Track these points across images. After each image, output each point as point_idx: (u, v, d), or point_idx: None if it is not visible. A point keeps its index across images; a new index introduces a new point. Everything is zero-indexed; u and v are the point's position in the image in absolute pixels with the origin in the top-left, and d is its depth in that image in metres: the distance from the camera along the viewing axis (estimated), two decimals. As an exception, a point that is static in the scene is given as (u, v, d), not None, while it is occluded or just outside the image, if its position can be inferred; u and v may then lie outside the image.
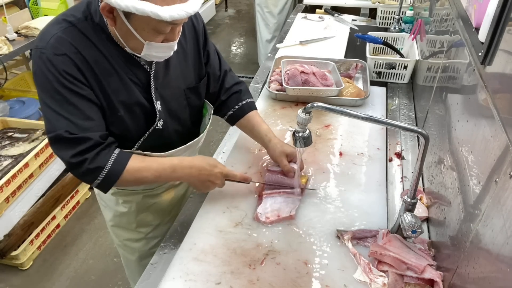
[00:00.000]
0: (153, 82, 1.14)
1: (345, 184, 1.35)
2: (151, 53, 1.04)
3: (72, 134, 0.99)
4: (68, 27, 1.01)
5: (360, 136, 1.58)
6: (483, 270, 0.76)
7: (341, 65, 2.02)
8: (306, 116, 1.06)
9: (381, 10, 2.64)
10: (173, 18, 0.91)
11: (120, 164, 1.05)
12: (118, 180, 1.06)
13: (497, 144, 0.74)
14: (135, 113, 1.14)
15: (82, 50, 1.01)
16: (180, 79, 1.21)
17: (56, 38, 0.99)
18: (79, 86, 1.01)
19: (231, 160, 1.47)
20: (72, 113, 1.00)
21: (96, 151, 1.02)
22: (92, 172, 1.03)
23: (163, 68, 1.16)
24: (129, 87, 1.10)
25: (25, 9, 3.04)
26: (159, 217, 1.47)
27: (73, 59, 0.99)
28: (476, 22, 0.98)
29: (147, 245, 1.50)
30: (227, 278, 1.04)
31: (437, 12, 1.68)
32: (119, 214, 1.43)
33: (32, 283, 2.29)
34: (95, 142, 1.02)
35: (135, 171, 1.08)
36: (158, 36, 0.99)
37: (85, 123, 1.01)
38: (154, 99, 1.15)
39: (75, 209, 2.75)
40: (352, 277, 1.04)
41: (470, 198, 0.87)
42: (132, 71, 1.10)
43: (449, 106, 1.18)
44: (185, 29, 1.20)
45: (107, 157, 1.04)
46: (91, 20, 1.02)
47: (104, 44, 1.04)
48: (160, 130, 1.20)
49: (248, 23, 5.73)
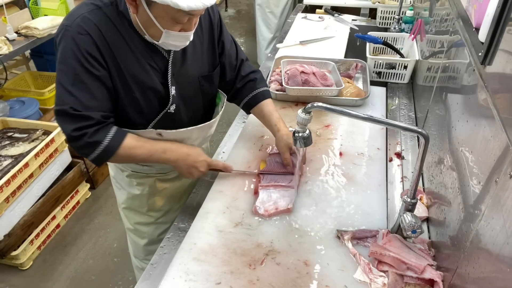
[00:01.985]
0: (170, 68, 1.21)
1: (345, 184, 1.35)
2: (168, 41, 1.10)
3: (76, 111, 1.07)
4: (94, 9, 1.09)
5: (360, 136, 1.58)
6: (483, 270, 0.76)
7: (341, 65, 2.02)
8: (306, 116, 1.07)
9: (381, 10, 2.64)
10: (190, 8, 0.98)
11: (117, 140, 1.13)
12: (113, 155, 1.13)
13: (497, 144, 0.74)
14: (150, 96, 1.20)
15: (105, 32, 1.08)
16: (195, 67, 1.27)
17: (82, 18, 1.07)
18: (95, 66, 1.08)
19: (231, 160, 1.47)
20: (80, 91, 1.07)
21: (96, 128, 1.10)
22: (91, 146, 1.11)
23: (180, 56, 1.22)
24: (146, 71, 1.17)
25: (25, 9, 3.03)
26: (169, 203, 1.53)
27: (94, 39, 1.07)
28: (476, 22, 0.98)
29: (156, 230, 1.56)
30: (227, 278, 1.04)
31: (437, 12, 1.68)
32: (132, 196, 1.49)
33: (32, 283, 2.29)
34: (97, 120, 1.09)
35: (129, 148, 1.16)
36: (176, 25, 1.06)
37: (90, 102, 1.08)
38: (169, 84, 1.22)
39: (75, 209, 2.75)
40: (352, 277, 1.04)
41: (470, 198, 0.87)
42: (152, 57, 1.17)
43: (449, 106, 1.18)
44: (202, 20, 1.25)
45: (105, 133, 1.12)
46: (116, 6, 1.10)
47: (126, 29, 1.12)
48: (172, 114, 1.26)
49: (248, 23, 5.73)
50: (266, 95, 1.45)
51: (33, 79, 3.34)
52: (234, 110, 1.37)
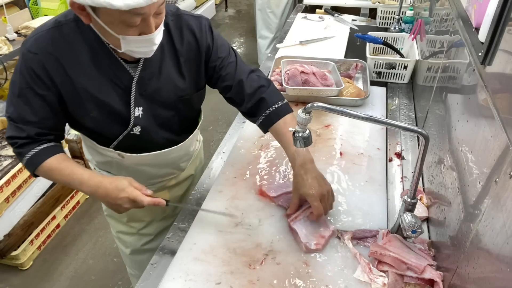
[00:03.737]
0: (135, 87, 1.13)
1: (345, 184, 1.35)
2: (131, 48, 1.01)
3: (13, 121, 1.10)
4: (52, 27, 1.06)
5: (360, 136, 1.58)
6: (483, 270, 0.76)
7: (341, 65, 2.02)
8: (306, 116, 1.06)
9: (381, 10, 2.64)
10: (130, 6, 0.87)
11: (38, 158, 1.12)
12: (34, 171, 1.13)
13: (497, 144, 0.74)
14: (109, 116, 1.14)
15: (58, 52, 1.05)
16: (171, 88, 1.19)
17: (37, 37, 1.05)
18: (38, 85, 1.06)
19: (231, 160, 1.47)
20: (20, 105, 1.08)
21: (24, 141, 1.11)
22: (18, 155, 1.14)
23: (154, 75, 1.15)
24: (106, 90, 1.11)
25: (25, 9, 3.04)
26: (151, 214, 1.46)
27: (42, 59, 1.04)
28: (476, 22, 0.98)
29: (139, 241, 1.51)
30: (227, 278, 1.04)
31: (437, 12, 1.68)
32: None
33: (32, 283, 2.29)
34: (27, 135, 1.10)
35: (48, 170, 1.13)
36: (130, 29, 0.96)
37: (27, 117, 1.09)
38: (132, 104, 1.15)
39: (75, 209, 2.75)
40: (352, 277, 1.04)
41: (470, 198, 0.87)
42: (116, 74, 1.10)
43: (449, 106, 1.18)
44: (184, 39, 1.16)
45: (30, 149, 1.11)
46: (82, 23, 1.02)
47: (90, 45, 1.06)
48: (137, 135, 1.20)
49: (248, 23, 5.73)
50: (281, 113, 1.23)
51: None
52: (234, 110, 1.35)
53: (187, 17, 1.18)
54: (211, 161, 1.51)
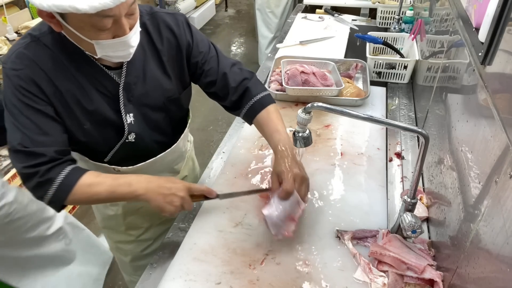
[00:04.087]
0: (123, 94, 1.10)
1: (345, 184, 1.35)
2: (107, 53, 0.98)
3: (25, 148, 0.98)
4: (30, 41, 1.00)
5: (360, 136, 1.58)
6: (483, 270, 0.76)
7: (341, 65, 2.02)
8: (306, 116, 1.06)
9: (381, 10, 2.64)
10: (96, 9, 0.83)
11: (72, 177, 1.01)
12: (69, 194, 1.01)
13: (497, 144, 0.74)
14: (103, 126, 1.11)
15: (42, 65, 1.00)
16: (158, 90, 1.16)
17: (17, 54, 0.99)
18: (34, 100, 1.00)
19: (231, 160, 1.47)
20: (26, 127, 0.99)
21: (49, 165, 1.00)
22: (43, 185, 1.00)
23: (139, 79, 1.12)
24: (95, 100, 1.07)
25: (25, 9, 3.04)
26: (149, 220, 1.44)
27: (29, 74, 0.99)
28: (476, 22, 0.98)
29: (138, 247, 1.49)
30: (227, 278, 1.04)
31: (437, 12, 1.68)
32: (107, 217, 1.42)
33: (32, 283, 2.29)
34: (50, 157, 1.00)
35: (87, 186, 1.03)
36: (102, 33, 0.92)
37: (40, 138, 1.00)
38: (123, 111, 1.11)
39: (75, 209, 2.74)
40: (352, 277, 1.04)
41: (470, 198, 0.87)
42: (101, 83, 1.07)
43: (449, 106, 1.18)
44: (163, 37, 1.14)
45: (60, 170, 1.01)
46: (58, 32, 0.98)
47: (70, 55, 1.02)
48: (132, 143, 1.17)
49: (248, 23, 5.73)
50: (265, 103, 1.23)
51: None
52: (234, 110, 1.35)
53: (162, 15, 1.15)
54: (211, 161, 1.51)
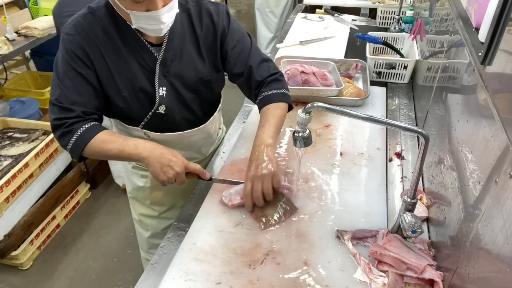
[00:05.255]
0: (159, 68, 1.22)
1: (345, 184, 1.35)
2: (141, 24, 1.10)
3: (60, 103, 1.15)
4: (88, 13, 1.17)
5: (360, 136, 1.58)
6: (483, 270, 0.76)
7: (341, 65, 2.02)
8: (306, 116, 1.06)
9: (381, 10, 2.64)
10: None
11: (90, 132, 1.16)
12: (86, 146, 1.16)
13: (497, 144, 0.74)
14: (138, 95, 1.23)
15: (94, 34, 1.15)
16: (192, 70, 1.27)
17: (75, 22, 1.16)
18: (79, 64, 1.15)
19: (231, 160, 1.47)
20: (66, 86, 1.15)
21: (74, 120, 1.16)
22: (66, 135, 1.16)
23: (176, 57, 1.23)
24: (134, 70, 1.20)
25: (25, 9, 3.04)
26: (173, 199, 1.54)
27: (80, 41, 1.14)
28: (476, 22, 0.98)
29: (160, 224, 1.59)
30: (227, 278, 1.04)
31: (437, 12, 1.68)
32: (136, 188, 1.54)
33: (32, 283, 2.29)
34: (77, 114, 1.16)
35: (102, 141, 1.17)
36: (136, 4, 1.05)
37: (74, 97, 1.15)
38: (157, 84, 1.23)
39: (75, 209, 2.75)
40: (352, 277, 1.04)
41: (470, 198, 0.87)
42: (142, 56, 1.20)
43: (449, 106, 1.18)
44: (203, 23, 1.25)
45: (81, 125, 1.16)
46: (112, 7, 1.14)
47: (119, 29, 1.17)
48: (163, 114, 1.27)
49: (248, 23, 5.73)
50: (273, 99, 1.30)
51: (33, 79, 3.35)
52: (234, 110, 1.36)
53: (206, 3, 1.28)
54: (211, 161, 1.51)
